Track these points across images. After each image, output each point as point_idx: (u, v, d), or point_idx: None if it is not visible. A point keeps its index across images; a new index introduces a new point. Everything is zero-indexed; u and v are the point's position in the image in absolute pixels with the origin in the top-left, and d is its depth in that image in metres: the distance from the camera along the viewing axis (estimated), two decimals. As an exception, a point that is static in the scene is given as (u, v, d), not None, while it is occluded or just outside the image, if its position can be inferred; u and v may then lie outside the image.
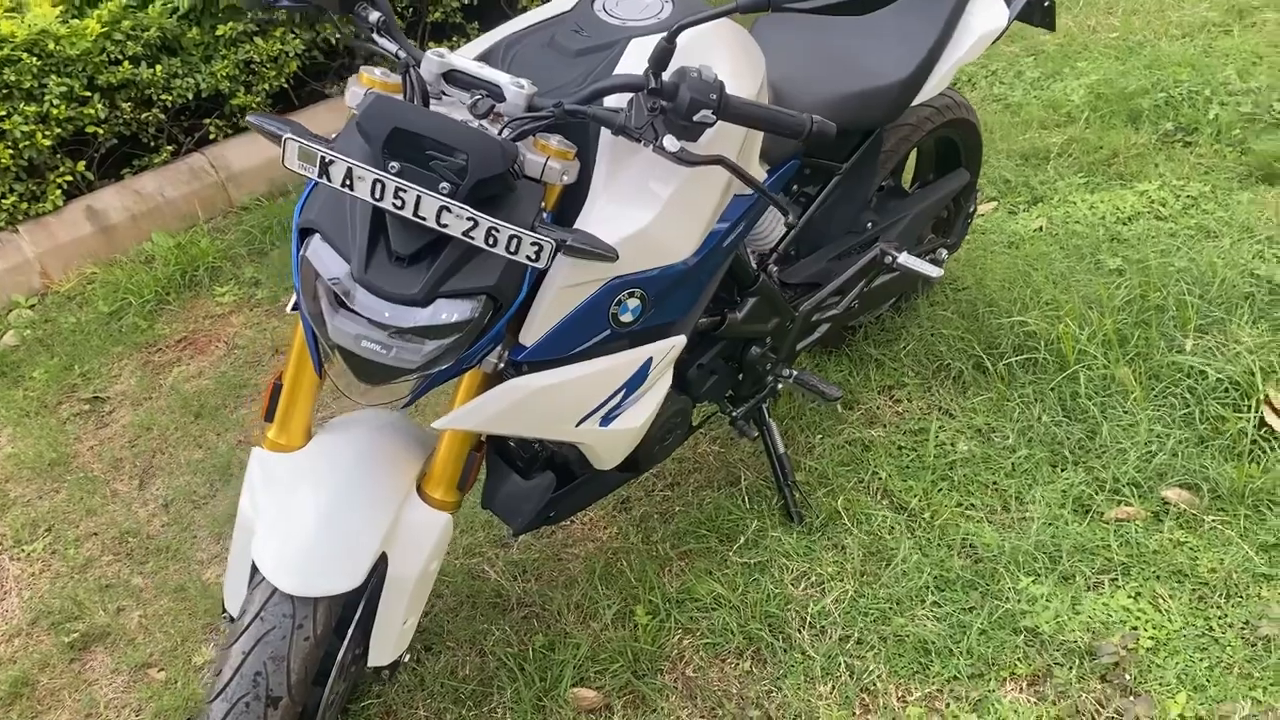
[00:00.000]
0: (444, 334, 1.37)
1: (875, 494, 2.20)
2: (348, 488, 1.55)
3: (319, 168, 1.28)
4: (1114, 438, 2.16)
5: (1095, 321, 2.37)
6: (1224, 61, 3.53)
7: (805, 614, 1.97)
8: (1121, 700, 1.72)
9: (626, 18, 1.59)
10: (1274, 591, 1.84)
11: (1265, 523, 1.95)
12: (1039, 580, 1.93)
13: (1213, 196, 2.88)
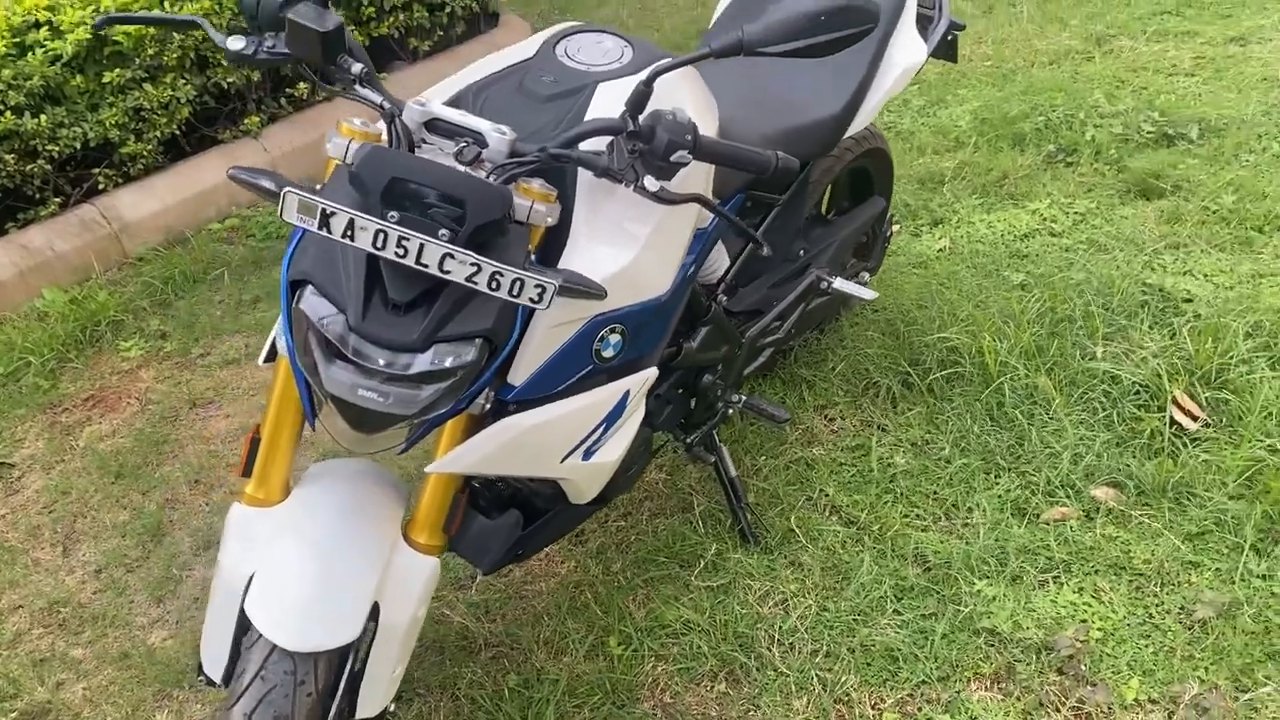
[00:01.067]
0: (442, 378, 1.38)
1: (824, 511, 2.27)
2: (337, 539, 1.54)
3: (319, 220, 1.28)
4: (1042, 443, 2.30)
5: (1012, 334, 2.51)
6: (1091, 85, 3.79)
7: (774, 632, 2.02)
8: (1080, 690, 1.83)
9: (590, 63, 1.64)
10: (1202, 577, 1.99)
11: (1187, 513, 2.11)
12: (992, 582, 2.03)
13: (1099, 212, 3.09)
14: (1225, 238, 2.88)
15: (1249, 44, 4.00)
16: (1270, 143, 3.28)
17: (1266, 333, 2.44)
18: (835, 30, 1.42)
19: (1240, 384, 2.33)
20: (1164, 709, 1.78)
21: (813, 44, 1.43)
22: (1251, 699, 1.77)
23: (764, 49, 1.42)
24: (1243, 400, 2.29)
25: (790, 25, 1.41)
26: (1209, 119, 3.44)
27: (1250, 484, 2.11)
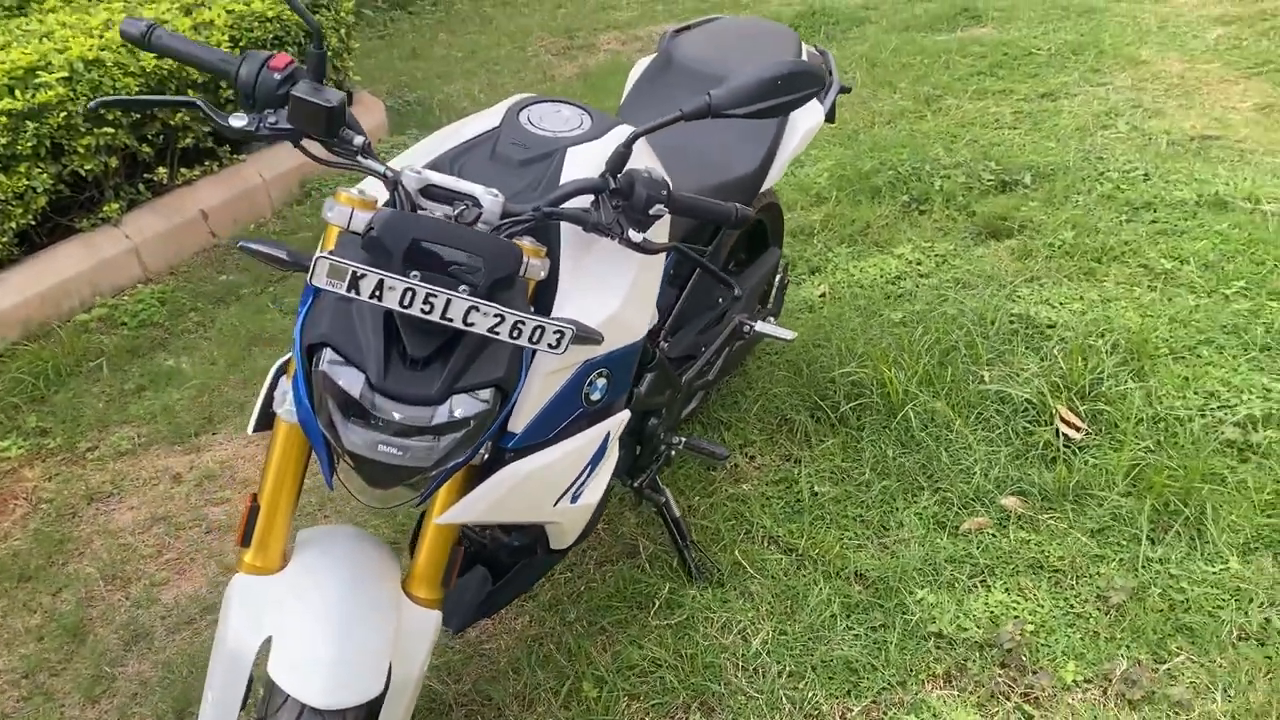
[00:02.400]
0: (459, 428, 1.44)
1: (764, 542, 2.40)
2: (350, 600, 1.55)
3: (348, 282, 1.33)
4: (952, 461, 2.50)
5: (907, 365, 2.73)
6: (929, 141, 4.14)
7: (738, 659, 2.12)
8: (1025, 678, 2.00)
9: (555, 130, 1.75)
10: (1110, 567, 2.21)
11: (1087, 513, 2.34)
12: (930, 590, 2.20)
13: (957, 253, 3.39)
14: (1071, 269, 3.21)
15: (1058, 99, 4.47)
16: (1094, 185, 3.67)
17: (1124, 349, 2.74)
18: (790, 93, 1.58)
19: (1112, 396, 2.61)
20: (1099, 686, 1.97)
21: (771, 105, 1.58)
22: (1169, 668, 1.98)
23: (729, 111, 1.57)
24: (1116, 409, 2.56)
25: (752, 90, 1.57)
26: (1038, 166, 3.83)
27: (1136, 482, 2.37)
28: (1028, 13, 5.63)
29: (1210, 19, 5.22)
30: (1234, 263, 3.13)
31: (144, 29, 1.52)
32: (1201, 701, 1.91)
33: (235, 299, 3.83)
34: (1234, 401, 2.56)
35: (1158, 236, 3.33)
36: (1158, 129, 4.09)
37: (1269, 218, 3.33)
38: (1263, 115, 4.13)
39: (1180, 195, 3.53)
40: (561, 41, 6.54)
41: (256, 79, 1.50)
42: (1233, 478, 2.34)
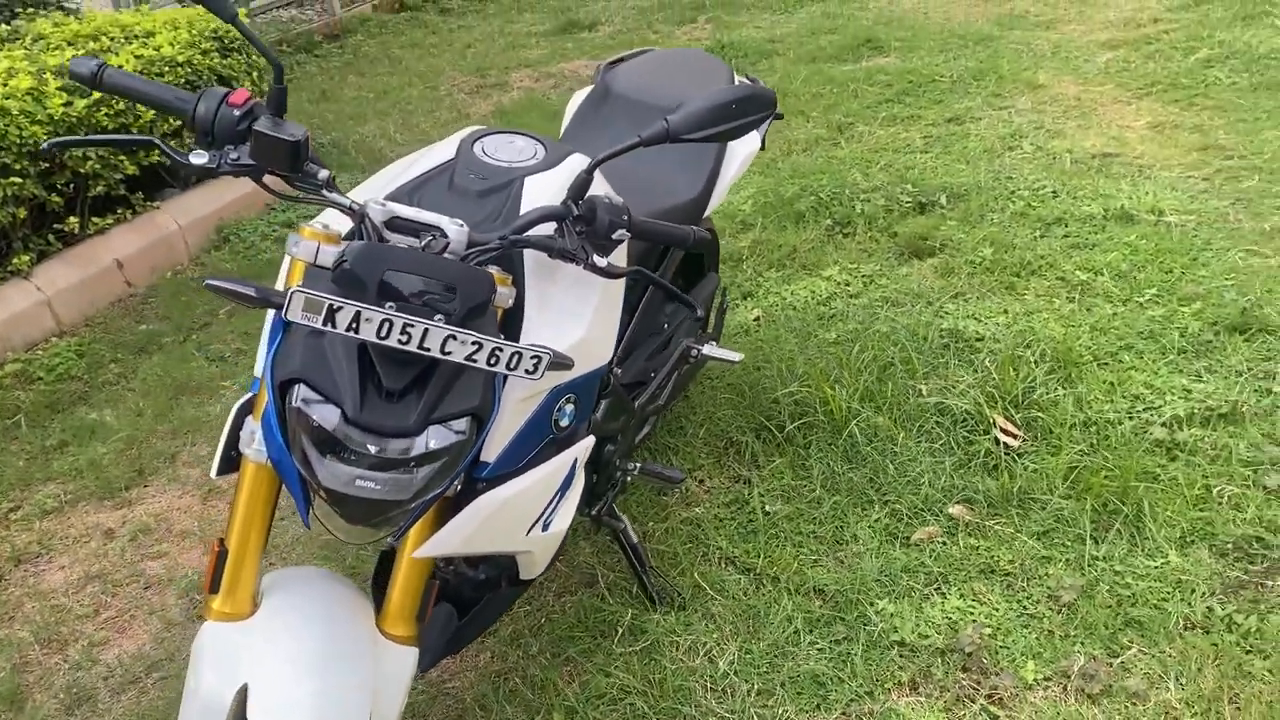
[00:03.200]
0: (437, 459, 1.43)
1: (721, 563, 2.42)
2: (327, 642, 1.52)
3: (324, 315, 1.32)
4: (899, 473, 2.56)
5: (847, 383, 2.79)
6: (845, 166, 4.26)
7: (707, 681, 2.13)
8: (989, 681, 2.05)
9: (510, 160, 1.76)
10: (1057, 568, 2.28)
11: (1031, 517, 2.41)
12: (889, 600, 2.24)
13: (883, 273, 3.48)
14: (993, 284, 3.33)
15: (964, 123, 4.63)
16: (1006, 203, 3.81)
17: (1051, 358, 2.85)
18: (744, 116, 1.62)
19: (1044, 403, 2.70)
20: (1058, 683, 2.03)
21: (727, 129, 1.62)
22: (1123, 661, 2.05)
23: (686, 135, 1.60)
24: (1049, 416, 2.65)
25: (707, 114, 1.60)
26: (952, 187, 3.96)
27: (1075, 485, 2.45)
28: (927, 42, 5.83)
29: (1098, 44, 5.48)
30: (1144, 272, 3.27)
31: (94, 68, 1.49)
32: (1156, 691, 1.98)
33: (157, 348, 3.73)
34: (1158, 403, 2.68)
35: (1071, 250, 3.47)
36: (1060, 148, 4.27)
37: (1173, 228, 3.50)
38: (1156, 133, 4.34)
39: (1088, 210, 3.69)
40: (474, 80, 6.55)
41: (215, 115, 1.48)
42: (1164, 475, 2.44)
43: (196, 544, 2.76)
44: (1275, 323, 2.91)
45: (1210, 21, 5.42)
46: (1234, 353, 2.84)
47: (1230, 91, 4.59)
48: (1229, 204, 3.65)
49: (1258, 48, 4.94)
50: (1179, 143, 4.21)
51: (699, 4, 7.50)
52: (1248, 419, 2.59)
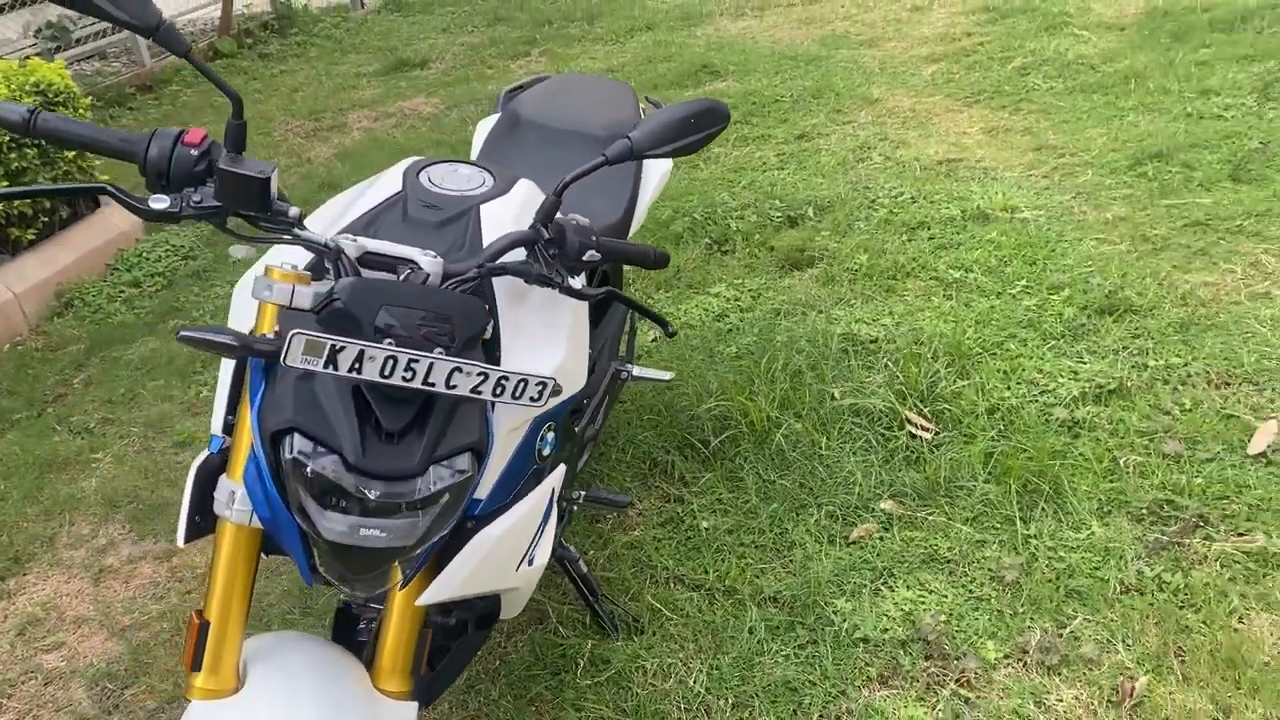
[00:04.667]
0: (441, 499, 1.38)
1: (670, 583, 2.41)
2: (324, 709, 1.43)
3: (326, 357, 1.25)
4: (829, 476, 2.61)
5: (763, 393, 2.83)
6: (711, 187, 4.34)
7: (683, 701, 2.11)
8: (954, 665, 2.11)
9: (459, 189, 1.72)
10: (993, 550, 2.37)
11: (958, 504, 2.50)
12: (845, 599, 2.28)
13: (769, 286, 3.56)
14: (873, 289, 3.45)
15: (813, 139, 4.81)
16: (869, 212, 3.97)
17: (945, 353, 2.97)
18: (702, 130, 1.64)
19: (948, 395, 2.81)
20: (1018, 659, 2.11)
21: (687, 143, 1.64)
22: (1071, 630, 2.15)
23: (650, 152, 1.60)
24: (956, 407, 2.77)
25: (668, 129, 1.61)
26: (816, 200, 4.09)
27: (994, 470, 2.56)
28: (761, 65, 6.02)
29: (920, 59, 5.79)
30: (1011, 265, 3.46)
31: (25, 114, 1.37)
32: (1107, 655, 2.08)
33: (10, 425, 3.44)
34: (1052, 385, 2.83)
35: (939, 251, 3.64)
36: (907, 157, 4.48)
37: (1028, 223, 3.72)
38: (991, 137, 4.62)
39: (947, 213, 3.88)
40: (308, 124, 6.35)
41: (171, 157, 1.39)
42: (1073, 453, 2.58)
43: (97, 629, 2.55)
44: (1137, 304, 3.13)
45: (1018, 33, 5.82)
46: (1107, 334, 3.03)
47: (1049, 95, 4.93)
48: (1071, 198, 3.91)
49: (1065, 54, 5.33)
50: (1013, 145, 4.49)
51: (529, 38, 7.52)
52: (1134, 393, 2.77)
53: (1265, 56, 4.75)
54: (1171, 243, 3.48)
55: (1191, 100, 4.50)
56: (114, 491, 3.05)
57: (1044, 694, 2.03)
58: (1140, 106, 4.57)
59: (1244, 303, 3.09)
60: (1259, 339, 2.90)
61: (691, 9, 7.73)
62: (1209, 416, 2.63)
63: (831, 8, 7.21)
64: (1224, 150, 3.99)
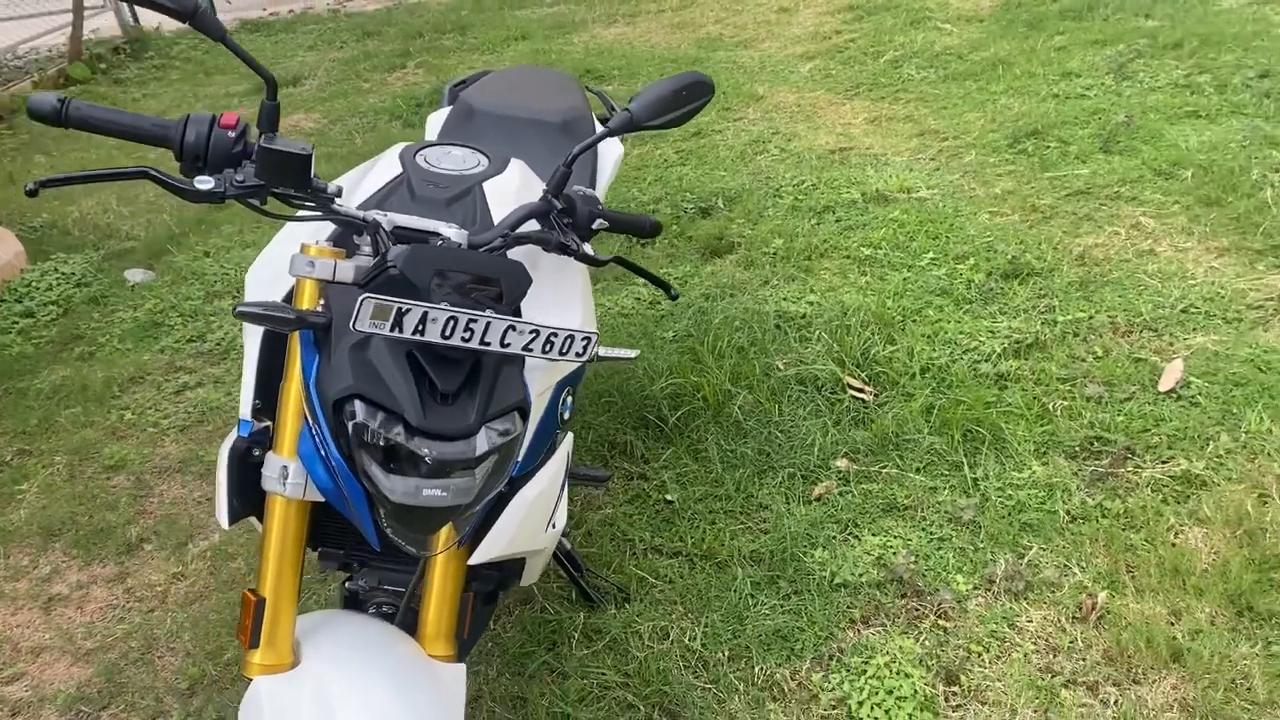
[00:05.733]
0: (493, 457, 1.43)
1: (649, 554, 2.48)
2: (389, 676, 1.46)
3: (392, 320, 1.29)
4: (786, 440, 2.73)
5: (714, 369, 2.94)
6: (622, 185, 4.44)
7: (681, 660, 2.19)
8: (930, 600, 2.25)
9: (458, 169, 1.78)
10: (947, 495, 2.53)
11: (908, 457, 2.66)
12: (820, 550, 2.40)
13: (695, 273, 3.68)
14: (792, 270, 3.61)
15: (708, 135, 4.96)
16: (775, 200, 4.14)
17: (871, 323, 3.14)
18: (693, 101, 1.74)
19: (881, 359, 2.98)
20: (986, 588, 2.27)
21: (681, 114, 1.73)
22: (1029, 559, 2.32)
23: (648, 124, 1.69)
24: (890, 370, 2.93)
25: (663, 101, 1.70)
26: (724, 192, 4.24)
27: (935, 422, 2.73)
28: (644, 68, 6.16)
29: (796, 57, 6.03)
30: (916, 240, 3.67)
31: (56, 104, 1.37)
32: (1066, 578, 2.26)
33: (-80, 463, 3.27)
34: (974, 344, 3.03)
35: (847, 232, 3.83)
36: (801, 147, 4.68)
37: (925, 202, 3.95)
38: (875, 126, 4.86)
39: (849, 196, 4.07)
40: (185, 146, 6.18)
41: (209, 140, 1.40)
42: (1004, 402, 2.77)
43: (59, 656, 2.47)
44: (1038, 267, 3.37)
45: (885, 29, 6.12)
46: (1015, 295, 3.26)
47: (924, 85, 5.21)
48: (960, 177, 4.16)
49: (933, 46, 5.64)
50: (898, 132, 4.74)
51: (402, 51, 7.48)
52: (1050, 345, 2.98)
53: (1115, 40, 5.14)
54: (1059, 211, 3.74)
55: (1056, 82, 4.84)
56: (49, 520, 2.95)
57: (1015, 617, 2.19)
58: (1010, 90, 4.89)
59: (1132, 260, 3.36)
60: (1151, 290, 3.17)
61: (563, 18, 7.84)
62: (1120, 361, 2.87)
63: (701, 12, 7.42)
64: (1093, 125, 4.31)
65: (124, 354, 3.79)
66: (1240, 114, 4.17)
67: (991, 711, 2.00)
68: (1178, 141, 4.04)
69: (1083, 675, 2.04)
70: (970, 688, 2.05)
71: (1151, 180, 3.83)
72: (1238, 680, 1.97)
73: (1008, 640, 2.14)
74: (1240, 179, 3.66)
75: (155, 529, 2.86)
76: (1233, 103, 4.29)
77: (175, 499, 2.99)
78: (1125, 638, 2.07)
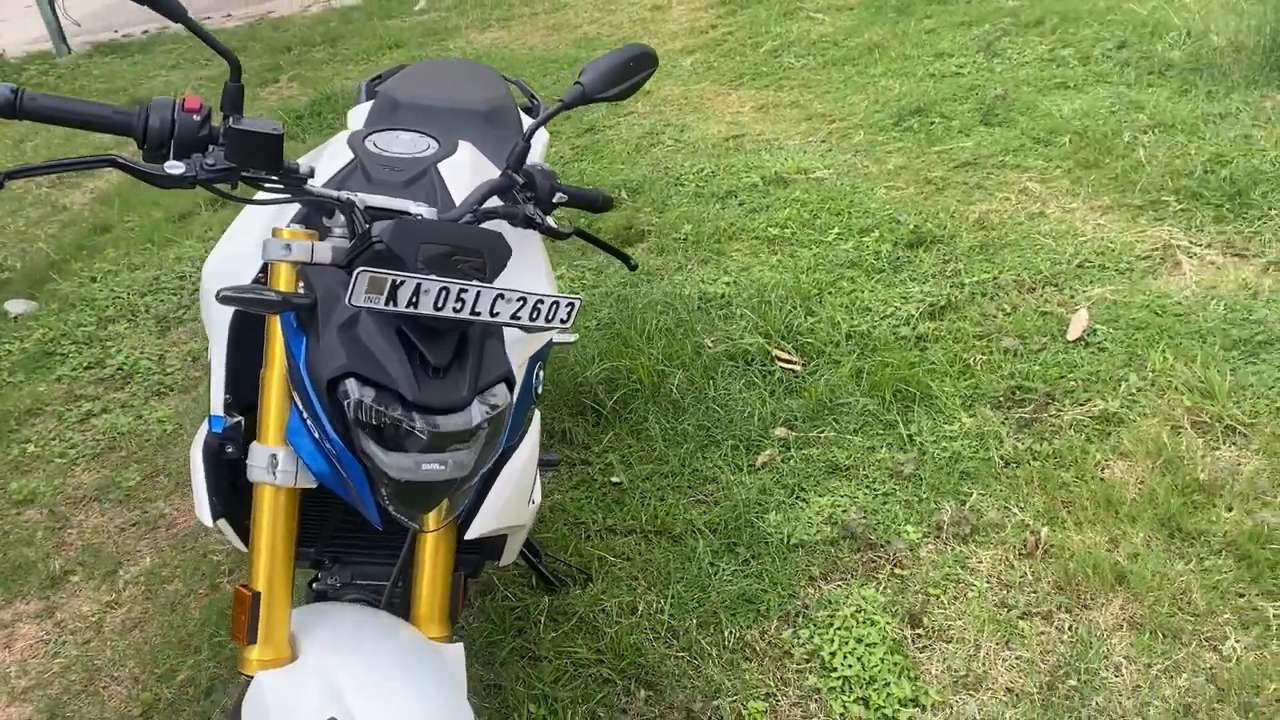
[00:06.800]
0: (486, 429, 1.43)
1: (604, 535, 2.50)
2: (393, 662, 1.45)
3: (387, 294, 1.28)
4: (724, 414, 2.78)
5: (645, 351, 2.98)
6: (519, 182, 4.43)
7: (652, 632, 2.21)
8: (884, 551, 2.33)
9: (410, 153, 1.77)
10: (885, 452, 2.62)
11: (844, 420, 2.74)
12: (773, 514, 2.45)
13: (608, 263, 3.71)
14: (704, 254, 3.67)
15: (601, 131, 5.00)
16: (678, 188, 4.20)
17: (789, 298, 3.23)
18: (641, 71, 1.77)
19: (804, 331, 3.06)
20: (935, 535, 2.36)
21: (630, 85, 1.76)
22: (971, 504, 2.42)
23: (600, 96, 1.72)
24: (814, 339, 3.02)
25: (612, 73, 1.73)
26: (625, 183, 4.28)
27: (864, 385, 2.82)
28: (525, 70, 6.16)
29: (676, 51, 6.12)
30: (820, 218, 3.78)
31: (9, 94, 1.31)
32: (1009, 518, 2.37)
33: None
34: (890, 310, 3.14)
35: (752, 214, 3.91)
36: (694, 137, 4.76)
37: (823, 181, 4.07)
38: (764, 113, 4.98)
39: (749, 180, 4.17)
40: (51, 172, 5.90)
41: (173, 126, 1.36)
42: (927, 361, 2.88)
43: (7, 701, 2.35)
44: (939, 235, 3.51)
45: (759, 21, 6.26)
46: (922, 263, 3.39)
47: (805, 71, 5.36)
48: (852, 156, 4.30)
49: (809, 35, 5.81)
50: (786, 117, 4.86)
51: (273, 65, 7.31)
52: (962, 306, 3.11)
53: (980, 21, 5.38)
54: (951, 182, 3.90)
55: (930, 63, 5.04)
56: (-42, 561, 2.79)
57: (966, 559, 2.28)
58: (888, 72, 5.07)
59: (1025, 222, 3.53)
60: (1047, 249, 3.33)
61: (435, 25, 7.78)
62: (1029, 315, 3.01)
63: (575, 13, 7.46)
64: (971, 101, 4.50)
65: (16, 387, 3.60)
66: (1105, 82, 4.42)
67: (957, 649, 2.08)
68: (1051, 111, 4.25)
69: (1036, 606, 2.14)
70: (933, 628, 2.13)
71: (1032, 148, 4.02)
72: (1178, 595, 2.10)
73: (962, 581, 2.23)
74: (1114, 141, 3.88)
75: (80, 560, 2.74)
76: (1096, 73, 4.54)
77: (96, 528, 2.87)
78: (1072, 567, 2.19)
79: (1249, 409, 2.51)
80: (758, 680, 2.08)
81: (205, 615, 2.45)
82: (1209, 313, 2.88)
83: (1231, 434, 2.46)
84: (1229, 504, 2.27)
